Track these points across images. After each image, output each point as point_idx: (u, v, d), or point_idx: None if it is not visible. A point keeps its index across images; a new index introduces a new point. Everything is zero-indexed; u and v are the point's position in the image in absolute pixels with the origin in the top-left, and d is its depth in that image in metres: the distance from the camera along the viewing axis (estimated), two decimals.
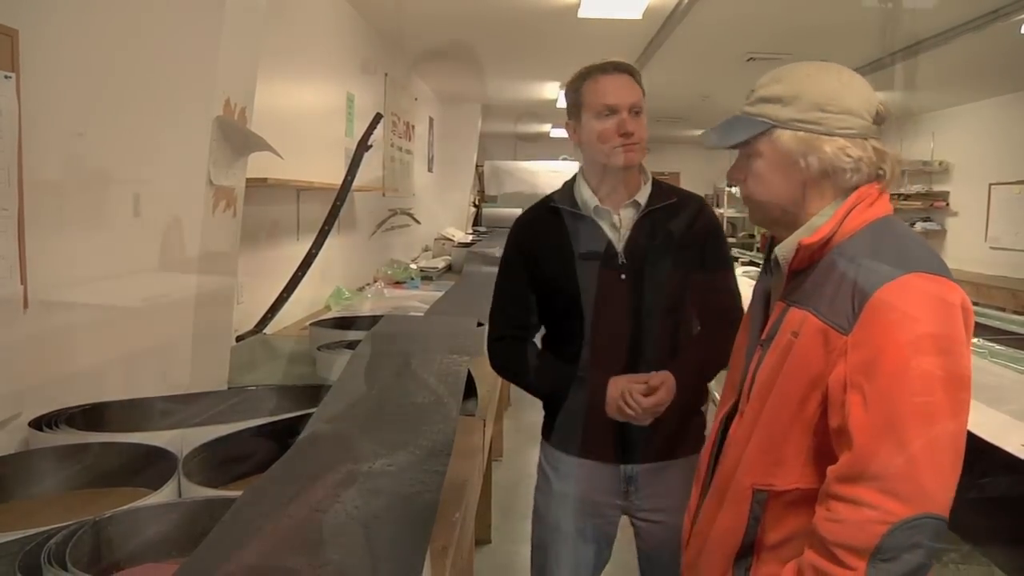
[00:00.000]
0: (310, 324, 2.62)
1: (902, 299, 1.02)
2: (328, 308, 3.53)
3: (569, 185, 1.73)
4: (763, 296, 1.27)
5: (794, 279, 1.16)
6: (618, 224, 1.66)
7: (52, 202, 1.47)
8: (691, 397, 1.66)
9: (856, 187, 1.13)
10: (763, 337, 1.19)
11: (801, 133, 1.12)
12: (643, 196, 1.67)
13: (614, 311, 1.64)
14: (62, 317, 1.50)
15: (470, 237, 7.17)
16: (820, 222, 1.13)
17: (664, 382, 1.57)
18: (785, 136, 1.13)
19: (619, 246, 1.64)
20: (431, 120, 7.49)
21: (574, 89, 1.67)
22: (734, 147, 1.21)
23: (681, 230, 1.66)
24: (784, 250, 1.17)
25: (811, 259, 1.13)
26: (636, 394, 1.56)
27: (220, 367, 2.03)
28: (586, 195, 1.67)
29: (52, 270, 1.44)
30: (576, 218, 1.68)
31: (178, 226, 1.86)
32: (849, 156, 1.11)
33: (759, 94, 1.17)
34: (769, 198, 1.17)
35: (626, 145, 1.61)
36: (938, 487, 0.98)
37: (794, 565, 1.07)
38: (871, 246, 1.09)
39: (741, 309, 1.52)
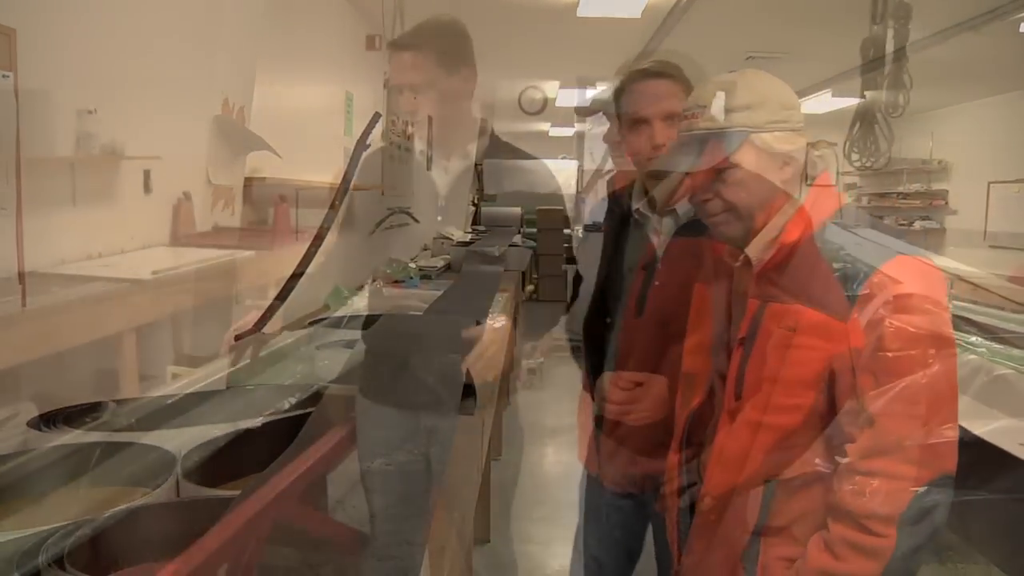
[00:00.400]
0: (309, 323, 2.61)
1: (896, 281, 1.07)
2: (327, 307, 3.52)
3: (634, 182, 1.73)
4: (724, 296, 1.29)
5: (764, 277, 1.18)
6: (659, 229, 1.65)
7: (48, 204, 1.46)
8: None
9: (815, 177, 1.20)
10: (742, 335, 1.20)
11: (778, 132, 1.16)
12: (685, 205, 1.60)
13: (640, 316, 1.64)
14: (59, 319, 1.50)
15: (469, 236, 7.14)
16: (783, 220, 1.17)
17: (643, 382, 1.56)
18: (767, 138, 1.17)
19: (658, 252, 1.64)
20: (430, 119, 7.48)
21: (615, 98, 1.65)
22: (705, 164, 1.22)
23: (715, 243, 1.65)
24: (756, 250, 1.20)
25: (786, 256, 1.16)
26: (612, 390, 1.56)
27: (218, 366, 2.03)
28: (637, 198, 1.67)
29: (50, 268, 1.44)
30: (631, 217, 1.68)
31: (178, 225, 1.86)
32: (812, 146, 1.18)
33: (725, 104, 1.19)
34: (755, 203, 1.20)
35: (657, 157, 1.56)
36: (948, 448, 1.06)
37: (819, 541, 1.11)
38: (849, 236, 1.14)
39: None
